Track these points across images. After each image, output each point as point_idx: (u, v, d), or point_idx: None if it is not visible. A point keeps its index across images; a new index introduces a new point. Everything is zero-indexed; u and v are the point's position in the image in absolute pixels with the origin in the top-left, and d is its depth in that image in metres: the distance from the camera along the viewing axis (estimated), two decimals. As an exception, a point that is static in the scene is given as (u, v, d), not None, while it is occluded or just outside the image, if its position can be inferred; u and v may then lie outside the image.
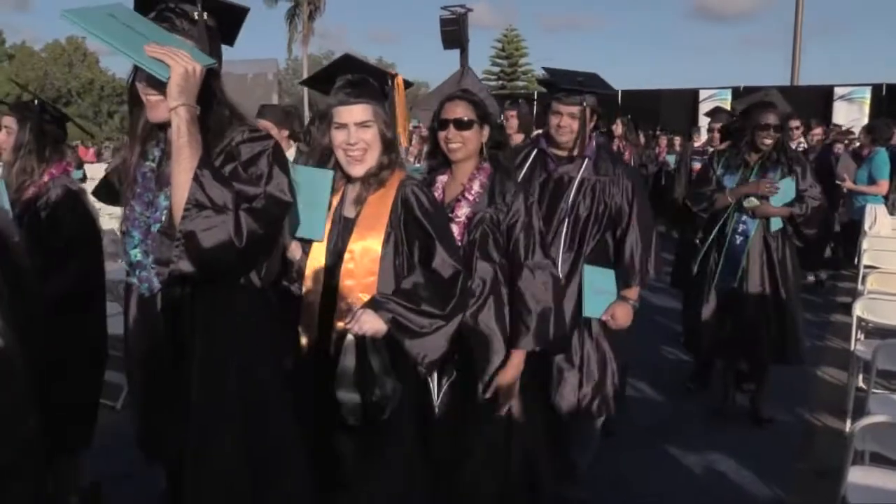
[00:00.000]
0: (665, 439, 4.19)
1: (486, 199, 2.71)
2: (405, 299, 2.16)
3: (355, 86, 2.31)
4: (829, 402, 4.77)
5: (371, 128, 2.29)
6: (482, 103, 2.80)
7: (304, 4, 36.71)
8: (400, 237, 2.30)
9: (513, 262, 2.71)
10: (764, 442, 4.22)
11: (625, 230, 3.24)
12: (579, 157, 3.24)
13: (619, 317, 3.23)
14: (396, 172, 2.35)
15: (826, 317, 6.93)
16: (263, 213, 1.86)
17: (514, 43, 47.23)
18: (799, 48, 22.00)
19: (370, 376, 2.16)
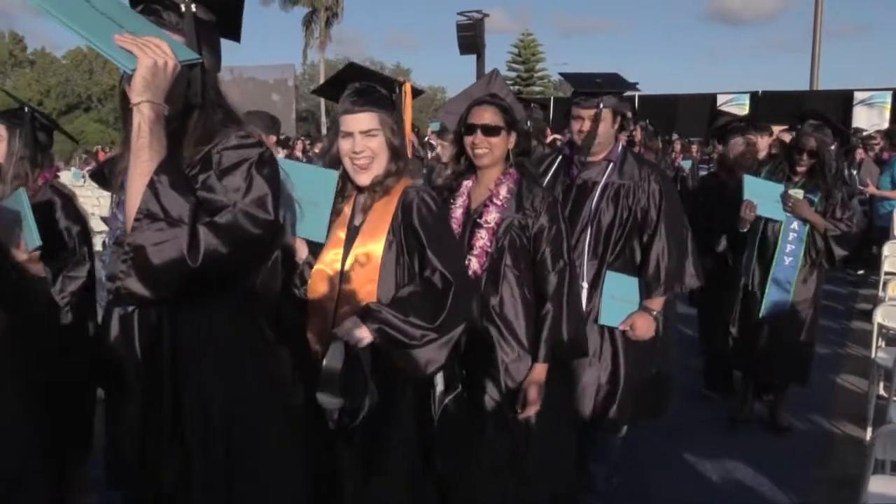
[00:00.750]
0: (681, 445, 4.15)
1: (513, 204, 2.69)
2: (396, 310, 2.14)
3: (361, 94, 2.30)
4: (850, 411, 4.72)
5: (377, 136, 2.27)
6: (510, 109, 2.77)
7: (321, 10, 36.92)
8: (400, 244, 2.28)
9: (540, 270, 2.68)
10: (783, 450, 4.18)
11: (651, 236, 3.16)
12: (603, 161, 3.19)
13: (638, 327, 3.15)
14: (403, 180, 2.33)
15: (846, 324, 6.86)
16: (230, 230, 1.65)
17: (530, 48, 47.20)
18: (818, 52, 21.83)
19: (353, 382, 2.14)
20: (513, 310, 2.68)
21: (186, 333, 1.80)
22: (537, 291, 2.70)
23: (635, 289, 3.17)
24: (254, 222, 1.69)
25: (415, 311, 2.16)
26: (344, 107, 2.31)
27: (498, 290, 2.68)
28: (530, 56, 46.97)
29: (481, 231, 2.69)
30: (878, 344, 4.58)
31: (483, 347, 2.64)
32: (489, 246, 2.68)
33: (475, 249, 2.69)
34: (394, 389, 2.24)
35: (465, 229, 2.73)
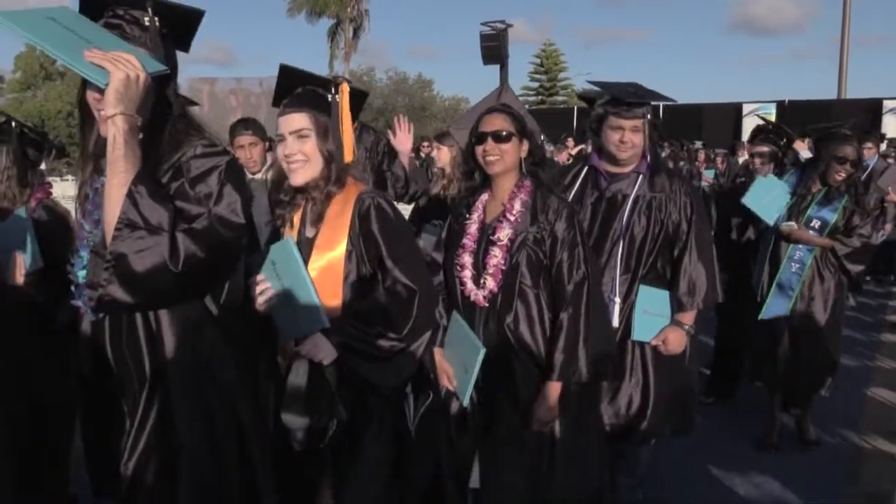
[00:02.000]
0: (708, 459, 4.10)
1: (527, 218, 2.63)
2: (361, 322, 2.09)
3: (294, 96, 2.23)
4: (880, 424, 4.65)
5: (308, 137, 2.18)
6: (521, 117, 2.73)
7: (346, 22, 37.24)
8: (360, 254, 2.19)
9: (557, 283, 2.62)
10: (811, 464, 4.12)
11: (682, 250, 3.11)
12: (633, 172, 3.14)
13: (670, 342, 3.10)
14: (353, 186, 2.24)
15: (876, 336, 6.75)
16: (206, 235, 1.70)
17: (552, 58, 47.18)
18: (846, 60, 21.58)
19: (319, 401, 2.08)
20: (528, 328, 2.62)
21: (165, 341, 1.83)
22: (556, 304, 2.63)
23: (667, 303, 3.13)
24: (227, 227, 1.74)
25: (380, 322, 2.10)
26: (280, 111, 2.25)
27: (513, 308, 2.62)
28: (553, 66, 46.94)
29: (495, 249, 2.63)
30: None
31: (499, 367, 2.59)
32: (503, 264, 2.61)
33: (489, 268, 2.63)
34: (363, 404, 2.17)
35: (480, 246, 2.67)
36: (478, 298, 2.63)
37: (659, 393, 3.13)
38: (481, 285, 2.64)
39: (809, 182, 4.21)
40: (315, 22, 37.98)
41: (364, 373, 2.11)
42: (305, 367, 2.09)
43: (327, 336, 2.07)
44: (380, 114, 42.15)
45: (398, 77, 45.92)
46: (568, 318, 2.58)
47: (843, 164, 4.05)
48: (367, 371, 2.11)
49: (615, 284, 3.10)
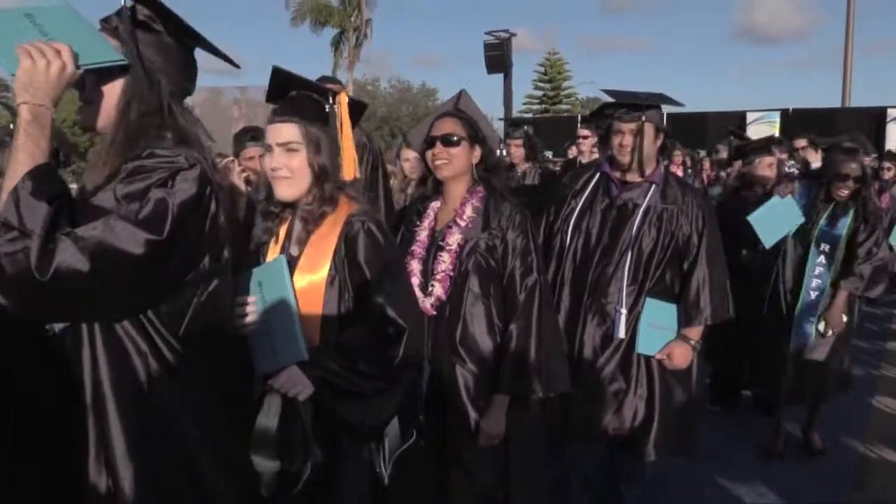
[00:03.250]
0: (713, 468, 4.09)
1: (479, 224, 2.54)
2: (342, 356, 1.90)
3: (286, 103, 2.04)
4: (885, 433, 4.64)
5: (298, 151, 1.99)
6: (474, 122, 2.64)
7: (349, 31, 37.37)
8: (344, 281, 2.00)
9: (509, 291, 2.53)
10: (817, 473, 4.10)
11: (692, 264, 3.07)
12: (645, 182, 3.12)
13: (675, 357, 3.07)
14: (343, 206, 2.05)
15: (881, 345, 6.73)
16: (97, 246, 1.50)
17: (556, 66, 47.27)
18: (850, 68, 21.57)
19: (292, 442, 1.89)
20: (477, 338, 2.53)
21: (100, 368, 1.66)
22: (507, 315, 2.54)
23: (674, 316, 3.09)
24: (134, 240, 1.54)
25: (363, 357, 1.92)
26: (270, 117, 2.06)
27: (461, 317, 2.52)
28: (556, 75, 47.02)
29: (443, 255, 2.54)
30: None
31: (449, 379, 2.49)
32: (452, 270, 2.52)
33: (437, 274, 2.54)
34: (337, 446, 1.99)
35: (430, 253, 2.59)
36: (425, 306, 2.51)
37: (664, 407, 3.11)
38: (429, 293, 2.54)
39: (816, 198, 4.11)
40: (319, 31, 38.12)
41: (341, 412, 1.94)
42: (278, 403, 1.89)
43: (303, 370, 1.89)
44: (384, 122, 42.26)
45: (402, 86, 46.06)
46: (518, 329, 2.49)
47: (846, 180, 3.97)
48: (344, 410, 1.94)
49: (622, 295, 3.07)
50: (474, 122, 2.64)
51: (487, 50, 17.44)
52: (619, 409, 3.11)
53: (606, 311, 3.11)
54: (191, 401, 1.71)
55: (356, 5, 36.85)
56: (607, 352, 3.12)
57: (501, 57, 17.38)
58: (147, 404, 1.67)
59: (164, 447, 1.69)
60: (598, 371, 3.13)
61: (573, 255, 3.18)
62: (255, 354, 1.97)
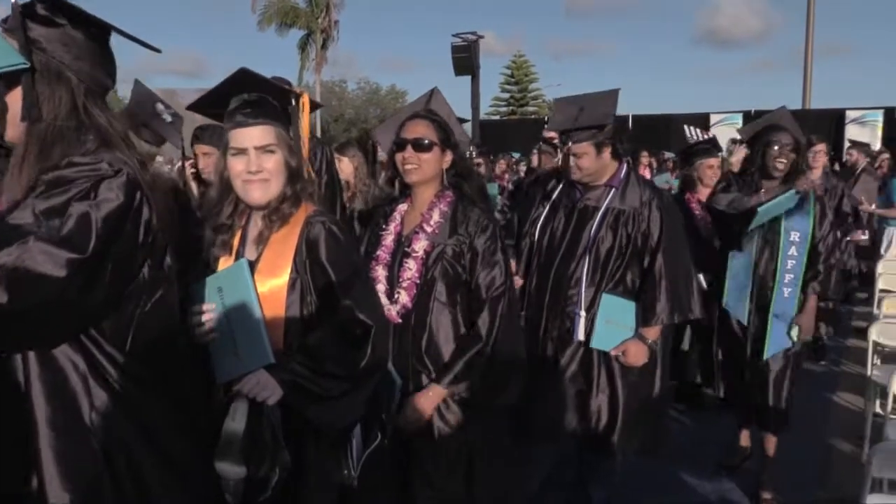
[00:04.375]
0: (679, 467, 4.13)
1: (446, 230, 2.49)
2: (308, 359, 1.88)
3: (253, 105, 1.99)
4: (847, 428, 4.72)
5: (275, 153, 1.97)
6: (446, 126, 2.59)
7: (317, 33, 37.16)
8: (306, 283, 1.97)
9: (474, 298, 2.48)
10: (780, 469, 4.16)
11: (650, 263, 3.10)
12: (604, 186, 3.15)
13: (630, 354, 3.09)
14: (303, 206, 2.03)
15: (842, 341, 6.85)
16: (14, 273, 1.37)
17: (523, 69, 47.53)
18: (810, 71, 22.01)
19: (260, 447, 1.85)
20: (442, 348, 2.47)
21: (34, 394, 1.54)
22: (471, 322, 2.49)
23: (632, 315, 3.11)
24: (54, 262, 1.40)
25: (330, 359, 1.90)
26: (234, 120, 1.99)
27: (427, 325, 2.47)
28: (523, 77, 47.30)
29: (409, 261, 2.49)
30: (874, 361, 4.58)
31: (415, 389, 2.45)
32: (418, 277, 2.47)
33: (403, 281, 2.48)
34: (302, 449, 1.95)
35: (396, 259, 2.54)
36: (391, 314, 2.46)
37: (628, 407, 3.13)
38: (394, 300, 2.49)
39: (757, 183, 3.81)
40: (285, 34, 37.85)
41: (309, 415, 1.90)
42: (245, 408, 1.84)
43: (271, 373, 1.85)
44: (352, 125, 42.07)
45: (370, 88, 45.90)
46: (477, 334, 2.46)
47: (780, 148, 3.69)
48: (312, 412, 1.90)
49: (581, 297, 3.11)
50: (447, 125, 2.59)
51: (455, 52, 17.46)
52: (584, 409, 3.14)
53: (567, 312, 3.15)
54: (138, 417, 1.61)
55: (324, 7, 36.67)
56: (568, 352, 3.16)
57: (469, 59, 17.41)
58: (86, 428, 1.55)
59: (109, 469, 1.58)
60: (561, 372, 3.17)
61: (538, 258, 3.24)
62: (217, 362, 1.93)
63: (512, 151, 13.43)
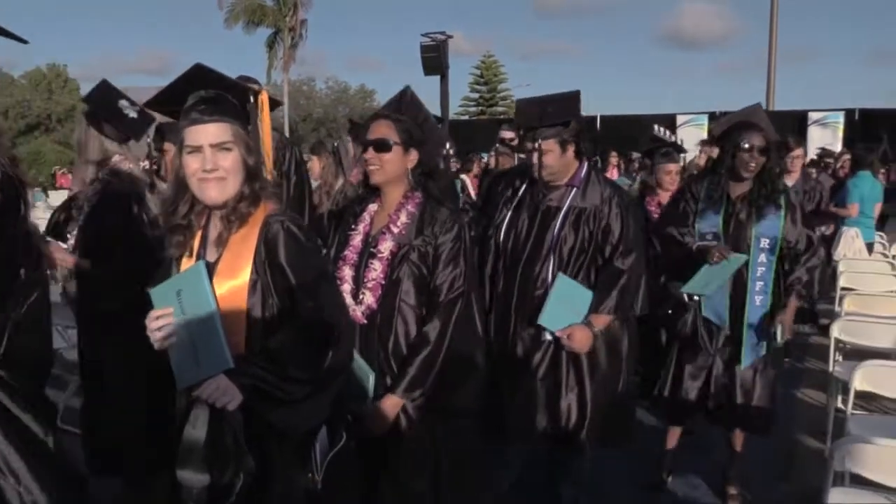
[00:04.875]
0: (647, 464, 4.16)
1: (413, 230, 2.48)
2: (269, 362, 1.83)
3: (210, 102, 1.94)
4: (810, 424, 4.79)
5: (231, 151, 1.92)
6: (411, 125, 2.55)
7: (285, 31, 36.88)
8: (267, 285, 1.92)
9: (433, 297, 2.46)
10: (746, 464, 4.21)
11: (608, 258, 3.14)
12: (566, 186, 3.18)
13: (575, 339, 3.07)
14: (262, 206, 1.98)
15: (805, 339, 6.97)
16: None
17: (492, 69, 47.66)
18: (773, 74, 22.40)
19: (222, 453, 1.82)
20: (408, 349, 2.45)
21: None
22: (427, 320, 2.46)
23: (585, 302, 3.11)
24: None
25: (292, 361, 1.85)
26: (189, 117, 1.93)
27: (392, 327, 2.46)
28: (492, 77, 47.43)
29: (374, 262, 2.48)
30: (836, 358, 4.67)
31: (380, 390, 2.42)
32: (383, 278, 2.46)
33: (368, 282, 2.47)
34: (266, 453, 1.92)
35: (362, 258, 2.52)
36: (356, 315, 2.45)
37: (596, 402, 3.16)
38: (359, 301, 2.48)
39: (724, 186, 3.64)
40: (252, 32, 37.51)
41: (272, 419, 1.86)
42: (205, 414, 1.80)
43: (231, 378, 1.80)
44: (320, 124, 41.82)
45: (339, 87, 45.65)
46: (427, 336, 2.42)
47: (750, 151, 3.51)
48: (276, 417, 1.86)
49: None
50: (411, 125, 2.56)
51: (424, 52, 17.46)
52: (553, 407, 3.16)
53: (535, 313, 3.15)
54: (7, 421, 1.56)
55: (292, 5, 36.40)
56: (538, 353, 3.17)
57: (438, 59, 17.42)
58: None
59: None
60: (532, 372, 3.18)
61: (504, 260, 3.25)
62: (177, 368, 1.90)
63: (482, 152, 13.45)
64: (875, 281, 6.11)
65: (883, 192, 8.02)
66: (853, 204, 7.49)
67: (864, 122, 19.27)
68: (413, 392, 2.41)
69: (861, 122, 19.49)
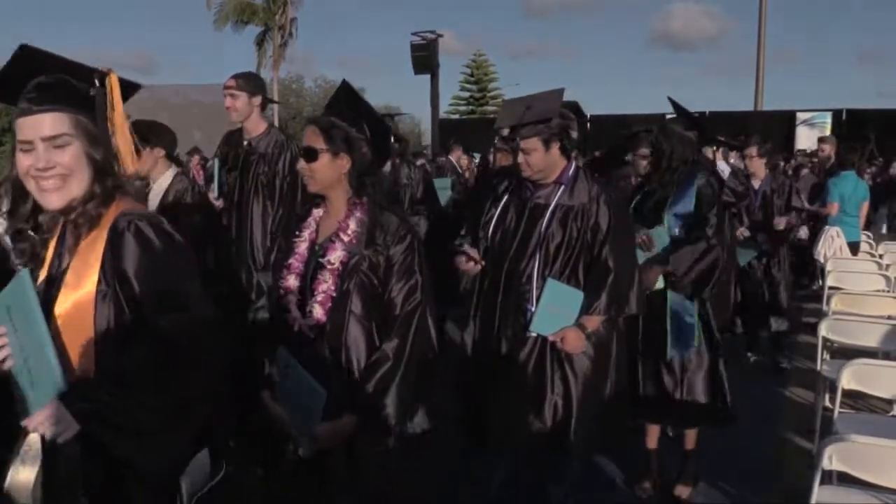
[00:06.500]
0: (636, 463, 4.17)
1: (363, 239, 2.34)
2: (115, 387, 1.56)
3: (42, 89, 1.67)
4: (797, 423, 4.83)
5: (70, 145, 1.66)
6: (339, 128, 2.37)
7: (275, 29, 36.73)
8: (117, 295, 1.66)
9: (387, 311, 2.34)
10: (734, 462, 4.23)
11: (596, 257, 3.13)
12: (553, 183, 3.19)
13: (568, 341, 3.08)
14: (115, 205, 1.71)
15: (792, 337, 7.00)
16: None
17: (482, 68, 47.64)
18: (762, 75, 22.50)
19: (56, 492, 1.59)
20: (358, 365, 2.33)
21: None
22: (382, 336, 2.35)
23: (576, 303, 3.12)
24: None
25: (142, 387, 1.58)
26: (20, 108, 1.67)
27: (342, 341, 2.32)
28: (483, 76, 47.42)
29: (324, 273, 2.33)
30: (823, 357, 4.69)
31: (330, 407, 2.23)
32: (333, 290, 2.32)
33: (318, 295, 2.33)
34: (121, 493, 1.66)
35: (308, 268, 2.38)
36: (304, 328, 2.34)
37: (583, 402, 3.15)
38: (308, 314, 2.35)
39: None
40: (241, 30, 37.34)
41: (119, 452, 1.58)
42: (38, 448, 1.57)
43: (67, 404, 1.53)
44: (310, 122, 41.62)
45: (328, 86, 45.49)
46: (383, 355, 2.30)
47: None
48: (124, 451, 1.58)
49: (532, 295, 3.13)
50: (340, 128, 2.37)
51: (414, 50, 17.47)
52: (539, 407, 3.15)
53: (520, 310, 3.16)
54: None
55: (282, 4, 36.26)
56: (523, 352, 3.17)
57: (428, 58, 17.43)
58: None
59: None
60: (516, 371, 3.18)
61: (492, 257, 3.25)
62: (21, 394, 1.64)
63: (472, 151, 13.45)
64: (862, 280, 6.14)
65: (868, 191, 8.05)
66: (832, 203, 7.53)
67: (851, 122, 19.40)
68: (370, 411, 2.28)
69: (848, 121, 19.62)
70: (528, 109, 3.15)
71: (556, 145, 3.14)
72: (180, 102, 21.77)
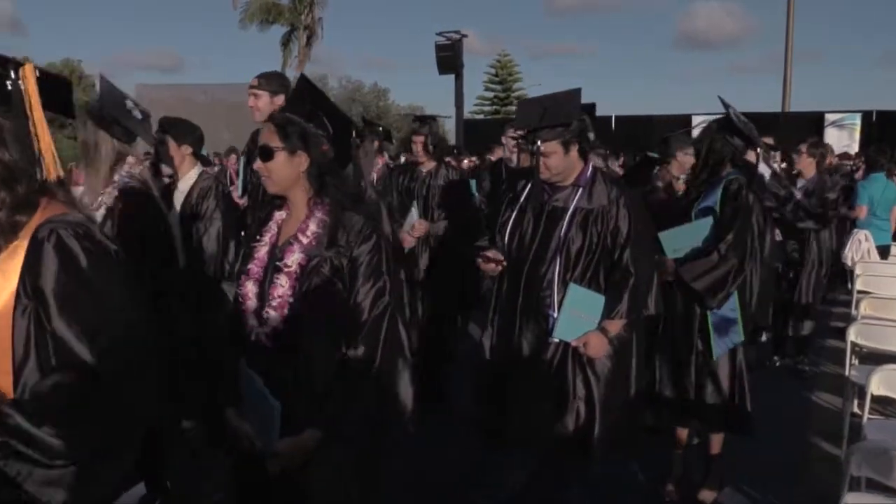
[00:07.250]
0: (656, 468, 4.15)
1: (325, 240, 2.21)
2: (26, 415, 1.37)
3: None
4: (825, 428, 4.77)
5: None
6: (294, 125, 2.23)
7: (300, 29, 36.97)
8: (38, 312, 1.45)
9: (354, 315, 2.20)
10: (760, 467, 4.20)
11: (617, 260, 3.12)
12: (571, 186, 3.17)
13: (591, 346, 3.08)
14: (41, 211, 1.50)
15: (820, 342, 6.92)
16: None
17: (507, 68, 47.57)
18: (790, 75, 22.25)
19: None
20: (319, 374, 2.19)
21: None
22: (350, 341, 2.21)
23: (599, 308, 3.11)
24: None
25: (55, 415, 1.38)
26: None
27: (300, 349, 2.19)
28: (507, 76, 47.35)
29: (281, 277, 2.20)
30: (852, 362, 4.63)
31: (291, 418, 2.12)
32: (290, 295, 2.18)
33: (273, 300, 2.19)
34: None
35: (267, 273, 2.25)
36: (260, 336, 2.22)
37: (605, 406, 3.14)
38: (264, 320, 2.21)
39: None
40: (267, 29, 37.62)
41: (31, 488, 1.38)
42: None
43: None
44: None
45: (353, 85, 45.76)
46: (349, 365, 2.19)
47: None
48: (36, 486, 1.38)
49: (554, 299, 3.12)
50: (295, 125, 2.24)
51: (439, 51, 17.50)
52: (563, 411, 3.13)
53: (540, 314, 3.15)
54: None
55: (308, 4, 36.48)
56: (545, 356, 3.16)
57: (452, 58, 17.44)
58: None
59: None
60: (536, 375, 3.17)
61: (509, 260, 3.23)
62: None
63: (496, 150, 13.43)
64: (892, 284, 6.05)
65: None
66: (861, 206, 7.43)
67: (881, 124, 19.12)
68: (336, 423, 2.17)
69: (878, 123, 19.33)
70: (546, 111, 3.13)
71: (574, 148, 3.13)
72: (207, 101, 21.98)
